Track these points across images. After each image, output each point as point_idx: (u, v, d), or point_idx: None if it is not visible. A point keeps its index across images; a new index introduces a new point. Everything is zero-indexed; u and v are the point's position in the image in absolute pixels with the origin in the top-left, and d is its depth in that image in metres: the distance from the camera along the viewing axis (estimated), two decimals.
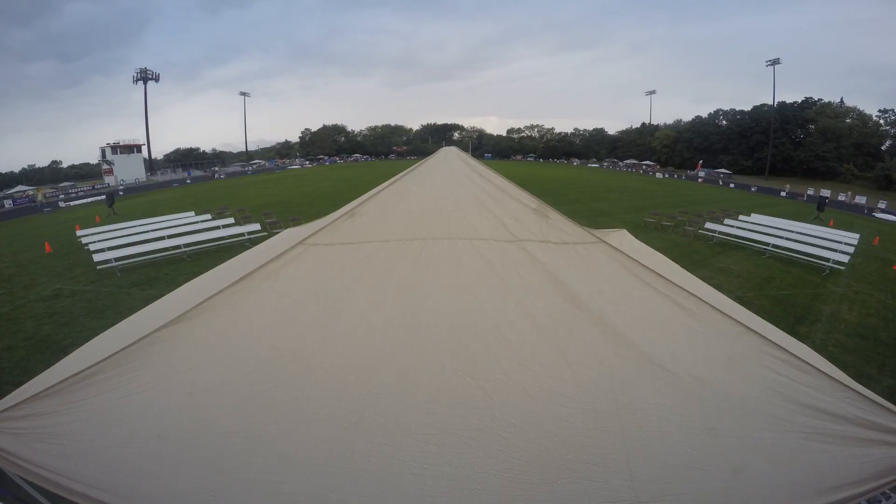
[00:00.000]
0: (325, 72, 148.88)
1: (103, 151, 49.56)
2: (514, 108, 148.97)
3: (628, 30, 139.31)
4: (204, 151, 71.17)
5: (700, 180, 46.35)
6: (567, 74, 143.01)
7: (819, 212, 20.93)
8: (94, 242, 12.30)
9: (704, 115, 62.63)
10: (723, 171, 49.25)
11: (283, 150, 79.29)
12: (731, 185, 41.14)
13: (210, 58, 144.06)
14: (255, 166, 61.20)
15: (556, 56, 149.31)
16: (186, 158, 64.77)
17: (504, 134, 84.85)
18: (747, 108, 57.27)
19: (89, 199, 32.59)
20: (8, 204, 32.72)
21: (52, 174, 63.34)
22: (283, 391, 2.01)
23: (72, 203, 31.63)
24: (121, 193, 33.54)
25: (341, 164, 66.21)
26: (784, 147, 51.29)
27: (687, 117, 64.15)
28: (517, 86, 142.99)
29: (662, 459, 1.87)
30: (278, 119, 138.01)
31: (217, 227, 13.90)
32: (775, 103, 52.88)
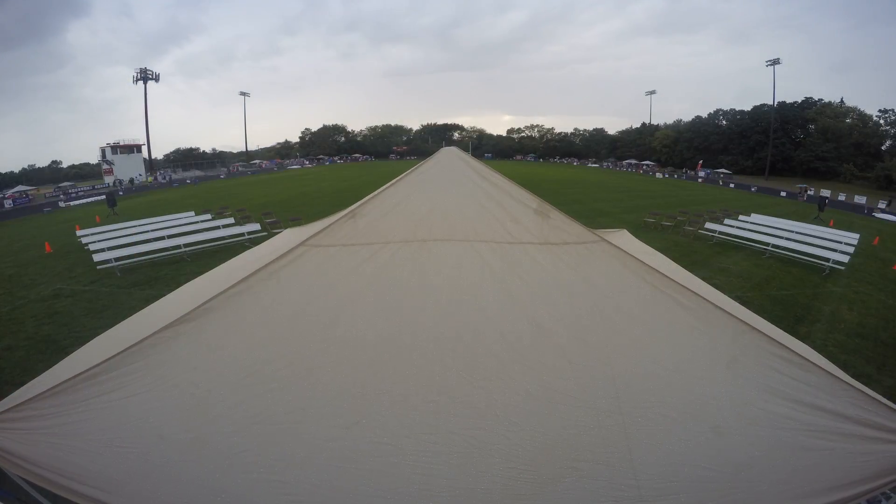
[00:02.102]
0: (346, 40, 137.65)
1: (103, 151, 49.61)
2: (533, 104, 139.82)
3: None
4: (204, 151, 71.18)
5: (700, 180, 46.38)
6: (611, 64, 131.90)
7: (819, 212, 20.95)
8: (94, 242, 12.30)
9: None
10: (723, 171, 49.23)
11: (283, 151, 79.29)
12: (731, 185, 41.15)
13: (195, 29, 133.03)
14: (255, 166, 61.27)
15: (627, 41, 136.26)
16: (186, 158, 64.73)
17: (504, 134, 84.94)
18: (747, 108, 57.29)
19: (89, 199, 32.60)
20: (8, 204, 32.72)
21: (52, 174, 63.26)
22: (285, 391, 2.01)
23: (72, 203, 31.63)
24: (121, 193, 33.55)
25: (341, 163, 66.22)
26: (784, 147, 51.23)
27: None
28: (552, 75, 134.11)
29: (666, 458, 1.87)
30: (277, 119, 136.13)
31: (217, 227, 13.89)
32: (775, 103, 52.89)
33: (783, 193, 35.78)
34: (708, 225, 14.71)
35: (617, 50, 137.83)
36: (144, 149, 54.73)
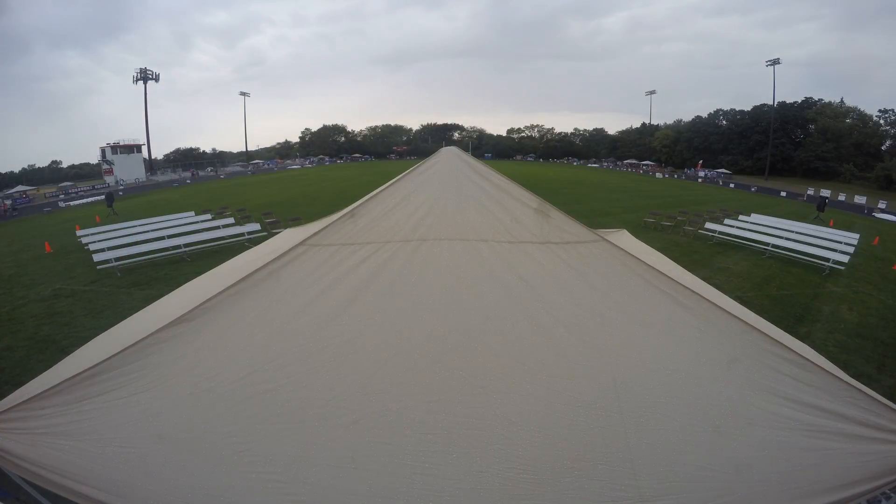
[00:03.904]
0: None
1: (103, 151, 49.60)
2: (542, 100, 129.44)
3: None
4: (204, 151, 71.25)
5: (700, 180, 46.38)
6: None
7: (819, 212, 20.94)
8: (94, 242, 12.30)
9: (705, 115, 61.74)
10: (723, 171, 49.21)
11: (283, 150, 79.33)
12: (732, 185, 41.15)
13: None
14: (255, 166, 61.38)
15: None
16: (186, 158, 64.77)
17: (504, 134, 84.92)
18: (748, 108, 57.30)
19: (89, 199, 32.61)
20: (8, 203, 32.73)
21: (52, 174, 63.21)
22: (284, 391, 2.01)
23: (72, 203, 31.63)
24: (121, 193, 33.56)
25: (341, 163, 66.26)
26: (784, 147, 51.21)
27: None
28: (574, 66, 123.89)
29: (666, 457, 1.87)
30: (277, 119, 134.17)
31: (217, 227, 13.90)
32: (775, 103, 52.88)
33: (783, 193, 35.79)
34: (708, 225, 14.71)
35: (671, 31, 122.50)
36: (144, 149, 54.85)
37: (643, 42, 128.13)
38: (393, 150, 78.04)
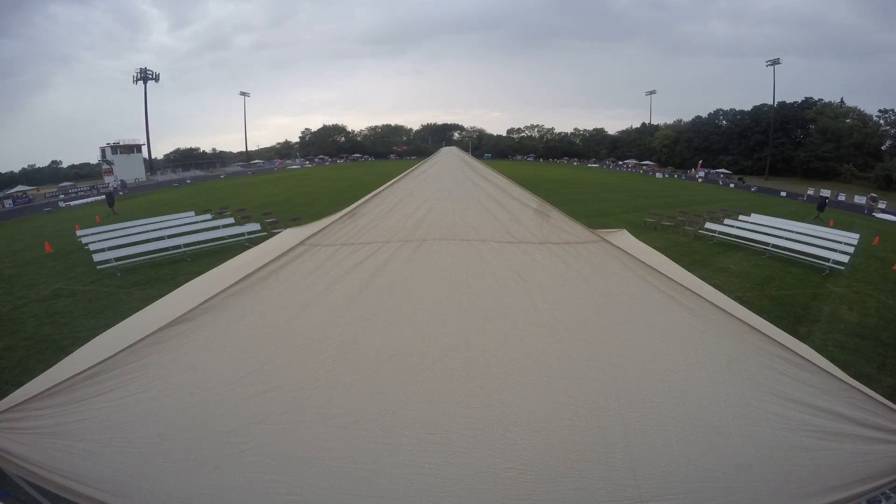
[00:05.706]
0: None
1: (103, 151, 49.61)
2: (552, 95, 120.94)
3: None
4: (204, 151, 71.32)
5: (700, 180, 46.37)
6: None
7: (819, 212, 20.94)
8: (94, 242, 12.29)
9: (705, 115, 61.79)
10: (722, 171, 49.21)
11: (283, 151, 79.38)
12: (731, 185, 41.15)
13: None
14: (255, 166, 61.43)
15: None
16: (186, 158, 64.79)
17: (504, 134, 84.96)
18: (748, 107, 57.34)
19: (89, 199, 32.60)
20: (8, 204, 32.74)
21: (52, 174, 63.14)
22: (284, 391, 2.01)
23: (72, 203, 31.63)
24: (121, 193, 33.57)
25: (341, 163, 66.27)
26: (784, 147, 51.24)
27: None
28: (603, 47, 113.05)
29: (665, 457, 1.87)
30: (277, 118, 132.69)
31: (217, 227, 13.89)
32: (775, 103, 52.90)
33: (783, 193, 35.78)
34: (708, 225, 14.70)
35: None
36: (144, 149, 54.89)
37: (689, 19, 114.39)
38: (393, 150, 77.99)
